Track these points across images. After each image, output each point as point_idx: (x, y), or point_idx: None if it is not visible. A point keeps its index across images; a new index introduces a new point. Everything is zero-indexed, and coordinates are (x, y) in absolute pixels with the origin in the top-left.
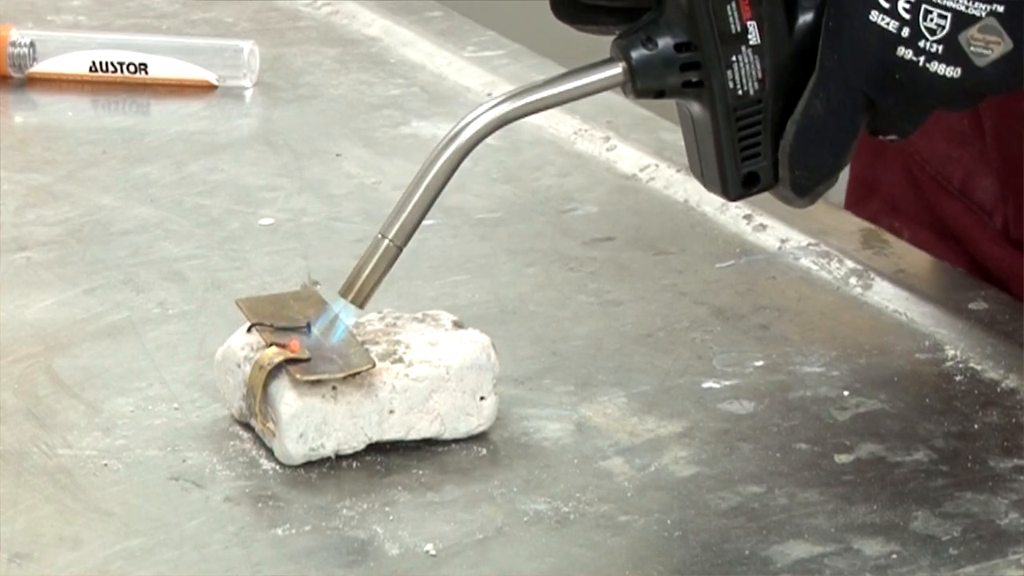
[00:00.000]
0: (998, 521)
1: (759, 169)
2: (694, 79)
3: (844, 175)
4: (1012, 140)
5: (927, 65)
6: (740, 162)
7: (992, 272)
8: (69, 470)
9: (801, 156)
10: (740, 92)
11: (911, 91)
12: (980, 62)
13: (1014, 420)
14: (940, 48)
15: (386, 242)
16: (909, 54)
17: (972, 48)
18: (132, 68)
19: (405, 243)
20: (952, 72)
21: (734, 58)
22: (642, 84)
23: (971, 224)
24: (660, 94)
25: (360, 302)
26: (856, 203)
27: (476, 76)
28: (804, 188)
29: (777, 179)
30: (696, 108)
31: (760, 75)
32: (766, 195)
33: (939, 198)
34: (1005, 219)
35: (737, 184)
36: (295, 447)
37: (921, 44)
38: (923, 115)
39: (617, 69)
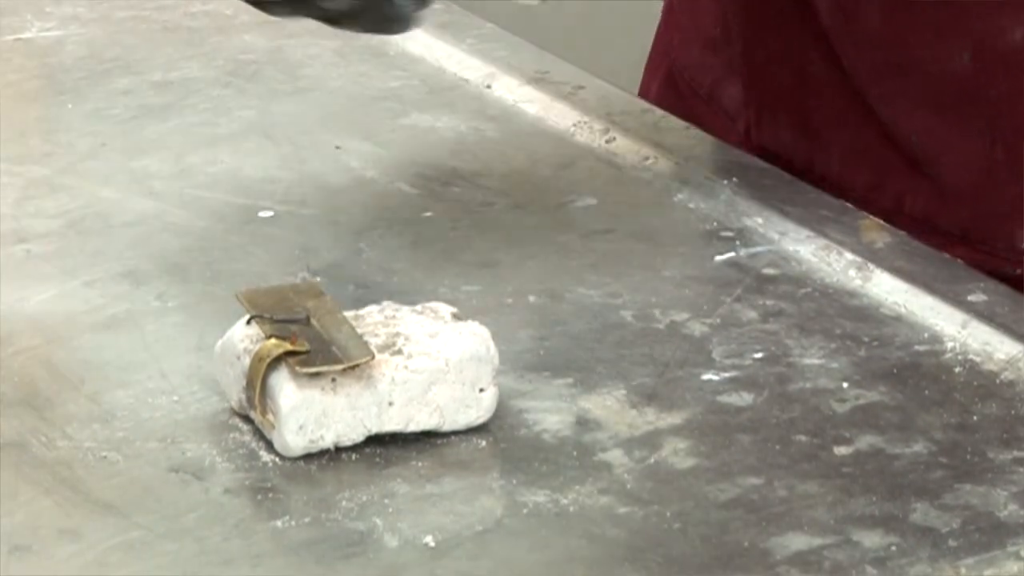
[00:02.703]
0: (997, 513)
1: None
2: None
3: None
4: (757, 47)
5: None
6: None
7: None
8: (68, 462)
9: None
10: None
11: None
12: None
13: (1013, 412)
14: None
15: None
16: None
17: None
18: None
19: None
20: None
21: None
22: None
23: (718, 129)
24: None
25: None
26: None
27: (475, 68)
28: None
29: None
30: None
31: None
32: (765, 190)
33: (693, 104)
34: (747, 124)
35: None
36: (294, 439)
37: None
38: None
39: None
